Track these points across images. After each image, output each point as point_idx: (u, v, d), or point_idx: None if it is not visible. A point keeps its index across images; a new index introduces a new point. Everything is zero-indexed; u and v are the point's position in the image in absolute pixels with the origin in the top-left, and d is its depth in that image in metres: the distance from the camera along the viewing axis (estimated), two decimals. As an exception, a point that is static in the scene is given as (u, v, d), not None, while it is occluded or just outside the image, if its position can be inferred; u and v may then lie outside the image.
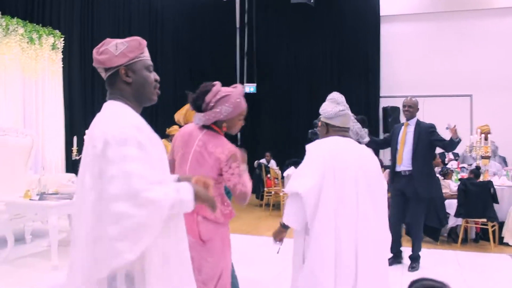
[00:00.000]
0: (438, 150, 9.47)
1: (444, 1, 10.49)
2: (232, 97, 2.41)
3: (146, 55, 1.77)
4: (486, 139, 7.95)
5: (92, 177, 1.53)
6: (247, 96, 11.15)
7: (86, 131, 1.73)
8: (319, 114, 2.66)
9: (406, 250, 5.04)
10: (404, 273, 4.77)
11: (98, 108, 1.74)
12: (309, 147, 2.51)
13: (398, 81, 10.66)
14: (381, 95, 10.85)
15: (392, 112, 10.26)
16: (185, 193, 1.60)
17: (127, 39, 1.75)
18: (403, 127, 4.97)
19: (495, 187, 6.11)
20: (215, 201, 1.74)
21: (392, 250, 4.98)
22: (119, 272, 1.54)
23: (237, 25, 11.73)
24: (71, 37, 7.39)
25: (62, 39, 6.99)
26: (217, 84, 2.48)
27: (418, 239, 4.93)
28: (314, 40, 11.15)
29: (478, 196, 5.80)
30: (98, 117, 1.67)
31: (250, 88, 11.09)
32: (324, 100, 2.69)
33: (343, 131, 2.56)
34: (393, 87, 10.66)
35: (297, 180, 2.41)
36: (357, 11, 10.87)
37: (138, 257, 1.50)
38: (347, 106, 2.62)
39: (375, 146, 5.20)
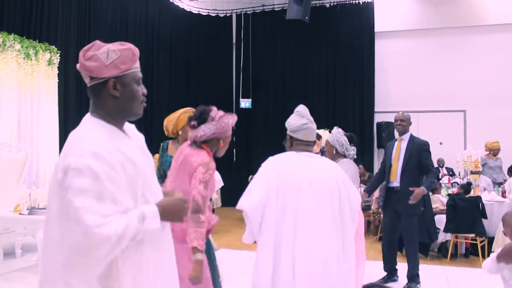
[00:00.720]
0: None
1: (438, 18, 10.63)
2: (232, 117, 2.61)
3: (137, 66, 1.66)
4: (495, 155, 8.01)
5: (55, 201, 1.50)
6: (243, 111, 11.18)
7: None
8: None
9: (401, 267, 4.94)
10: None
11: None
12: (263, 163, 2.55)
13: (392, 96, 10.75)
14: (375, 110, 10.92)
15: (386, 128, 10.32)
16: (150, 221, 1.53)
17: (120, 46, 1.60)
18: (396, 142, 4.94)
19: (485, 202, 6.16)
20: (182, 215, 1.67)
21: (385, 269, 4.96)
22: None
23: (233, 41, 11.87)
24: (67, 52, 7.51)
25: (58, 54, 7.10)
26: (214, 107, 2.63)
27: (413, 257, 4.81)
28: (309, 55, 11.28)
29: (467, 211, 5.84)
30: (69, 137, 1.59)
31: (246, 103, 11.18)
32: (319, 116, 2.76)
33: (305, 145, 2.57)
34: (387, 103, 10.74)
35: (244, 196, 2.44)
36: (352, 27, 11.00)
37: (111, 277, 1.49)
38: (312, 120, 2.61)
39: (377, 184, 5.16)
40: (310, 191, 2.39)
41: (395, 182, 4.83)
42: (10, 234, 4.54)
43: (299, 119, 2.58)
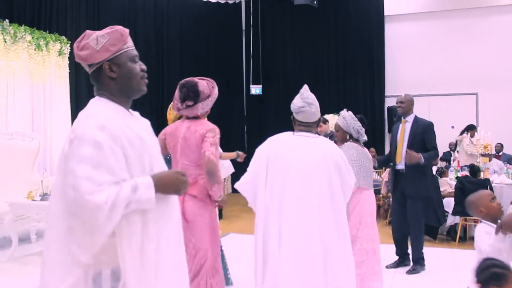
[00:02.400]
0: (443, 149, 9.50)
1: (448, 0, 10.48)
2: (211, 81, 2.80)
3: (130, 45, 1.70)
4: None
5: (60, 175, 1.55)
6: (253, 97, 11.15)
7: None
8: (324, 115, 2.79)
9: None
10: (395, 274, 4.83)
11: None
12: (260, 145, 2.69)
13: (402, 80, 10.67)
14: (386, 94, 10.86)
15: (396, 112, 10.26)
16: (143, 191, 1.54)
17: (108, 30, 1.67)
18: (401, 124, 4.95)
19: (494, 185, 6.13)
20: (179, 187, 1.68)
21: (397, 253, 4.95)
22: (104, 269, 1.56)
23: (243, 27, 11.86)
24: (77, 43, 7.61)
25: (69, 45, 7.20)
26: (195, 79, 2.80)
27: (417, 239, 4.81)
28: (318, 40, 11.23)
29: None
30: (78, 116, 1.65)
31: (256, 89, 11.20)
32: (329, 101, 2.84)
33: (305, 126, 2.64)
34: (398, 87, 10.65)
35: (242, 176, 2.63)
36: (361, 11, 10.91)
37: (115, 256, 1.52)
38: (310, 102, 2.65)
39: (383, 164, 5.17)
40: (297, 170, 2.48)
41: (400, 164, 4.84)
42: (25, 220, 4.69)
43: (298, 101, 2.65)
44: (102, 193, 1.46)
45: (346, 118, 3.76)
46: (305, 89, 2.72)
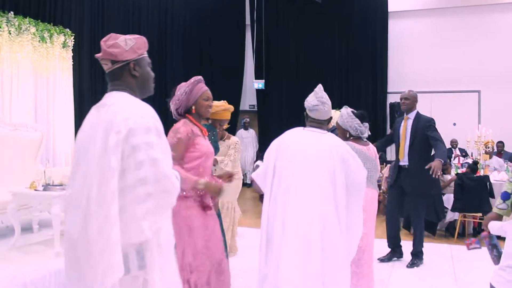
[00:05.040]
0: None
1: (453, -3, 10.47)
2: (184, 85, 2.84)
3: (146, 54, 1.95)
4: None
5: (116, 159, 1.64)
6: (257, 92, 11.27)
7: (95, 116, 1.81)
8: None
9: (406, 245, 5.05)
10: (393, 269, 4.89)
11: None
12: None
13: (405, 77, 10.68)
14: (388, 90, 10.89)
15: (399, 108, 10.23)
16: (180, 182, 1.81)
17: (134, 36, 1.91)
18: (403, 121, 4.99)
19: (493, 182, 6.17)
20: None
21: (389, 245, 5.04)
22: (130, 251, 1.66)
23: (247, 22, 11.87)
24: (81, 35, 7.66)
25: (73, 37, 7.24)
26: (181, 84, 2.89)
27: (419, 234, 4.90)
28: (322, 36, 11.24)
29: (474, 190, 5.87)
30: (114, 105, 1.75)
31: (259, 84, 11.24)
32: (332, 96, 2.94)
33: (317, 123, 2.80)
34: (400, 83, 10.68)
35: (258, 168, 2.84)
36: (365, 7, 10.91)
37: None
38: (324, 101, 2.78)
39: (380, 149, 5.18)
40: (303, 162, 2.62)
41: (403, 161, 4.90)
42: (27, 210, 4.73)
43: (313, 99, 2.81)
44: (175, 176, 1.76)
45: (343, 117, 3.78)
46: (320, 88, 2.85)
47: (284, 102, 11.30)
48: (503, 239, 2.46)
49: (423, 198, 4.91)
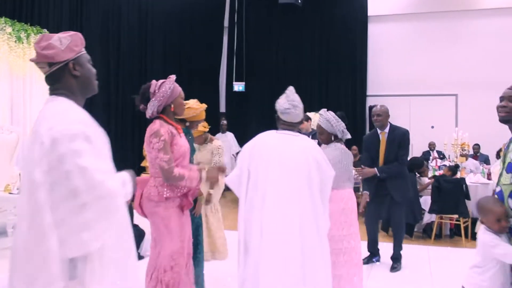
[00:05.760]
0: (423, 149, 9.64)
1: (431, 2, 10.63)
2: (169, 80, 2.79)
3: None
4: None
5: (41, 171, 1.55)
6: (236, 94, 11.20)
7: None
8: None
9: (383, 247, 5.11)
10: (371, 271, 4.93)
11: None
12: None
13: (385, 80, 10.81)
14: (368, 93, 10.99)
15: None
16: (129, 185, 1.73)
17: (69, 33, 1.79)
18: (380, 136, 4.86)
19: (469, 184, 6.28)
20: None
21: (368, 249, 5.08)
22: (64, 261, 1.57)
23: (226, 24, 11.88)
24: (59, 36, 7.53)
25: (50, 38, 7.13)
26: (153, 81, 2.83)
27: (400, 240, 4.96)
28: (302, 39, 11.29)
29: (450, 192, 5.95)
30: (42, 113, 1.68)
31: (239, 86, 11.22)
32: (312, 99, 2.93)
33: (288, 125, 2.79)
34: (380, 86, 10.81)
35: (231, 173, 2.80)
36: (345, 11, 11.00)
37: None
38: (296, 104, 2.76)
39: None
40: (278, 165, 2.62)
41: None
42: (2, 214, 4.66)
43: (284, 102, 2.77)
44: (112, 180, 1.63)
45: (331, 121, 3.67)
46: (291, 91, 2.83)
47: (265, 105, 11.29)
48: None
49: (404, 204, 4.97)
